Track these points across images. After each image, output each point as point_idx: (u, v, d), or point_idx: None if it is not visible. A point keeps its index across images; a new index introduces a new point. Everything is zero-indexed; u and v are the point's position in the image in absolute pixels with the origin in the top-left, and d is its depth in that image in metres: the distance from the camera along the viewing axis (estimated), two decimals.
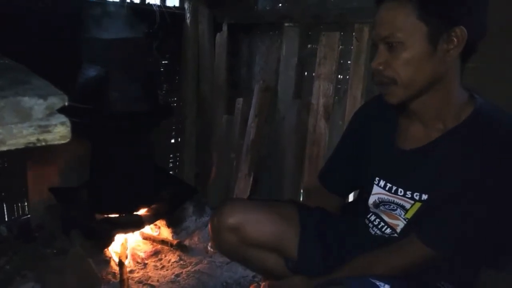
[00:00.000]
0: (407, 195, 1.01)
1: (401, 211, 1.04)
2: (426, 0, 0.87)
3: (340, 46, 1.86)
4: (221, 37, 2.35)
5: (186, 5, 2.33)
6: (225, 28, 2.33)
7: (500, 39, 1.19)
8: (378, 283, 0.89)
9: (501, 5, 1.04)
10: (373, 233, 1.12)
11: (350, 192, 1.41)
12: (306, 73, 2.16)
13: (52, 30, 1.75)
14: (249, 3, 2.36)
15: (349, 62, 1.84)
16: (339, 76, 1.95)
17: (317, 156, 1.92)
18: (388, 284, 0.89)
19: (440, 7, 0.87)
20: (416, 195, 0.99)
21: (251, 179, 2.14)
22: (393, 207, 1.06)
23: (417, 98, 0.96)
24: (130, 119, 1.73)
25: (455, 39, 0.88)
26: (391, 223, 1.08)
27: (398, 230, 1.07)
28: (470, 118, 0.94)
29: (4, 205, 1.99)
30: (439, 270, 0.99)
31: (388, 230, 1.09)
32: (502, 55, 1.31)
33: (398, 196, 1.03)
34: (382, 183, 1.07)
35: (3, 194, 1.99)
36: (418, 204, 1.00)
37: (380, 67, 0.94)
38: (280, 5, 2.29)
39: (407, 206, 1.02)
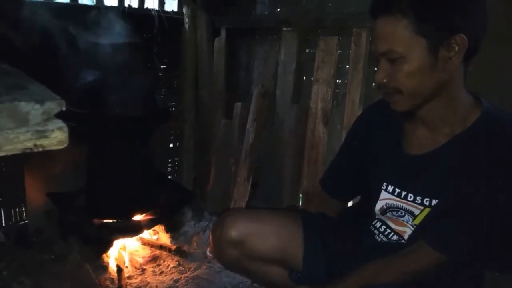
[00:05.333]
0: (416, 201, 1.00)
1: (409, 217, 1.03)
2: (421, 14, 0.86)
3: (338, 51, 1.86)
4: (220, 41, 2.35)
5: (184, 10, 2.33)
6: (223, 33, 2.34)
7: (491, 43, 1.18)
8: None
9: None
10: (379, 240, 1.11)
11: (352, 198, 1.40)
12: (304, 78, 2.16)
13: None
14: (248, 8, 2.36)
15: (347, 66, 1.84)
16: (338, 80, 1.95)
17: (315, 160, 1.92)
18: None
19: (436, 20, 0.86)
20: (426, 201, 0.98)
21: (250, 183, 2.13)
22: (401, 213, 1.04)
23: (423, 106, 0.96)
24: (128, 124, 1.73)
25: (455, 46, 0.87)
26: (398, 230, 1.07)
27: (406, 237, 1.05)
28: (477, 123, 0.93)
29: (2, 210, 1.97)
30: (444, 276, 0.98)
31: (395, 237, 1.07)
32: (494, 59, 1.30)
33: (408, 202, 1.02)
34: (390, 188, 1.05)
35: (0, 199, 1.97)
36: (427, 210, 0.99)
37: (384, 80, 0.94)
38: (278, 9, 2.30)
39: (416, 212, 1.01)
